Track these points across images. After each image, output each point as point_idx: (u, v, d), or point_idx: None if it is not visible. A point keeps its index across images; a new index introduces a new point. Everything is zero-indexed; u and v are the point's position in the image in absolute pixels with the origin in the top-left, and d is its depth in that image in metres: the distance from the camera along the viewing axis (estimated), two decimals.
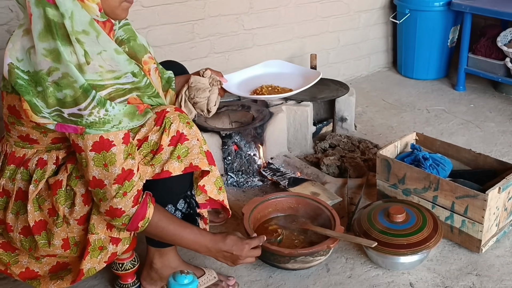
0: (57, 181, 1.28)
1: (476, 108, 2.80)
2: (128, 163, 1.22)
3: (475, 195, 1.58)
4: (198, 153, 1.32)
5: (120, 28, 1.37)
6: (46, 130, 1.24)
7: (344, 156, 2.26)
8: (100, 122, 1.16)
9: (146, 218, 1.27)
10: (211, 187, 1.41)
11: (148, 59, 1.40)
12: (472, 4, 2.82)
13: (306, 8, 2.91)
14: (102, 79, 1.17)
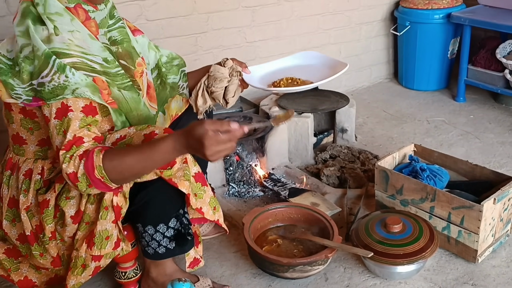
0: (45, 200, 1.34)
1: (475, 119, 2.83)
2: (82, 132, 1.22)
3: (470, 206, 1.61)
4: (181, 176, 1.30)
5: (114, 29, 1.41)
6: (32, 126, 1.32)
7: (344, 166, 2.30)
8: (59, 87, 1.20)
9: (97, 166, 1.17)
10: (206, 208, 1.40)
11: (141, 62, 1.46)
12: (471, 16, 2.86)
13: (308, 21, 2.96)
14: (68, 49, 1.23)
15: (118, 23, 1.43)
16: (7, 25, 2.01)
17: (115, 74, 1.32)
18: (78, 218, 1.33)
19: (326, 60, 1.68)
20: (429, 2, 3.05)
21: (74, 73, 1.22)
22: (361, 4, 3.15)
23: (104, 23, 1.37)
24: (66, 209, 1.32)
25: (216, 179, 2.15)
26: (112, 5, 1.45)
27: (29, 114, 1.32)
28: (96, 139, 1.25)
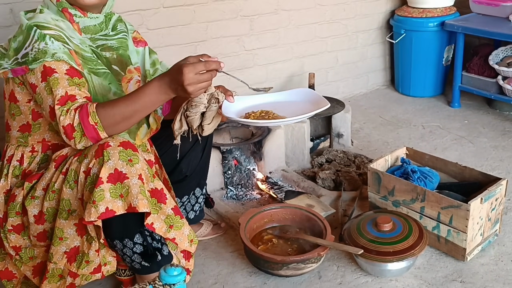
0: (13, 194, 1.42)
1: (470, 124, 2.89)
2: (72, 89, 1.31)
3: (458, 205, 1.67)
4: (138, 193, 1.27)
5: (113, 39, 1.52)
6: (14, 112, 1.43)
7: (339, 170, 2.36)
8: (40, 52, 1.30)
9: (91, 112, 1.27)
10: (160, 225, 1.34)
11: (134, 69, 1.54)
12: (464, 24, 2.94)
13: (305, 29, 3.04)
14: (48, 24, 1.36)
15: (119, 35, 1.54)
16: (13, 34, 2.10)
17: (88, 58, 1.41)
18: (41, 220, 1.40)
19: (311, 97, 1.63)
20: (423, 10, 3.12)
21: (54, 41, 1.33)
22: (357, 13, 3.23)
23: (90, 30, 1.47)
24: (30, 208, 1.39)
25: (215, 182, 2.21)
26: (117, 19, 1.56)
27: (13, 99, 1.42)
28: (87, 98, 1.33)
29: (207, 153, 1.80)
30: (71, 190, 1.34)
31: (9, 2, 2.07)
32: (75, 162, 1.34)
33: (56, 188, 1.36)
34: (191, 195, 1.81)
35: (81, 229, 1.37)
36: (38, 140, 1.45)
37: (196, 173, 1.77)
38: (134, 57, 1.59)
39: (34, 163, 1.46)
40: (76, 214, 1.35)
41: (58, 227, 1.37)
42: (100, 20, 1.50)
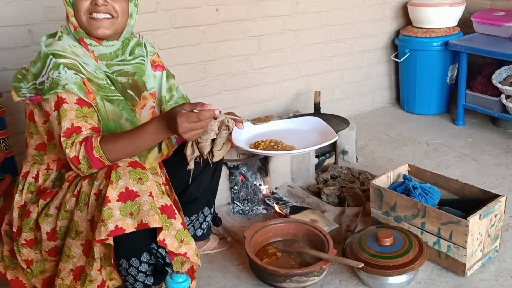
0: (28, 210, 1.48)
1: (474, 142, 2.93)
2: (79, 121, 1.37)
3: (458, 221, 1.71)
4: (149, 209, 1.30)
5: (130, 64, 1.58)
6: (33, 131, 1.50)
7: (344, 186, 2.41)
8: (54, 82, 1.37)
9: (95, 146, 1.33)
10: (171, 241, 1.36)
11: (148, 95, 1.60)
12: (467, 44, 3.00)
13: (311, 49, 3.12)
14: (64, 52, 1.43)
15: (137, 60, 1.60)
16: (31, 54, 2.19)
17: (102, 85, 1.47)
18: (53, 237, 1.45)
19: (320, 127, 1.65)
20: (427, 30, 3.19)
21: (66, 71, 1.39)
22: (362, 33, 3.31)
23: (106, 57, 1.53)
24: (43, 225, 1.45)
25: (222, 197, 2.27)
26: (136, 43, 1.62)
27: (31, 118, 1.49)
28: (93, 130, 1.40)
29: (217, 176, 1.85)
30: (81, 213, 1.38)
31: (28, 23, 2.17)
32: (86, 185, 1.38)
33: (69, 209, 1.41)
34: (199, 214, 1.86)
35: (87, 249, 1.41)
36: (53, 159, 1.52)
37: (206, 194, 1.83)
38: (151, 81, 1.65)
39: (49, 181, 1.52)
40: (83, 235, 1.40)
41: (67, 245, 1.42)
42: (117, 47, 1.55)
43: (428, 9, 3.15)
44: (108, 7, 1.46)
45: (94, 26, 1.47)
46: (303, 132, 1.63)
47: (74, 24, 1.48)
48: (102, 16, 1.47)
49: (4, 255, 1.57)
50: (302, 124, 1.68)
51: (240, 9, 2.75)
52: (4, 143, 1.88)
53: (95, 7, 1.45)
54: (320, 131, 1.62)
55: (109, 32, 1.50)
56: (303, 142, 1.56)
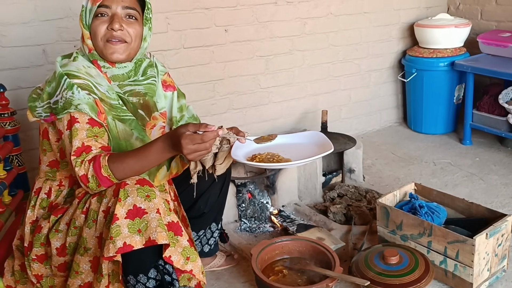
0: (39, 226, 1.51)
1: (481, 161, 2.93)
2: (89, 141, 1.40)
3: (464, 240, 1.71)
4: (157, 226, 1.32)
5: (142, 84, 1.61)
6: (46, 148, 1.53)
7: (350, 204, 2.42)
8: (67, 102, 1.41)
9: (103, 165, 1.36)
10: (177, 258, 1.36)
11: (158, 116, 1.64)
12: (473, 64, 3.03)
13: (318, 69, 3.17)
14: (78, 72, 1.47)
15: (148, 80, 1.63)
16: (45, 73, 2.26)
17: (114, 105, 1.51)
18: (63, 252, 1.47)
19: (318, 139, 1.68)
20: (434, 51, 3.23)
21: (80, 91, 1.43)
22: (369, 53, 3.35)
23: (119, 78, 1.57)
24: (53, 241, 1.47)
25: (229, 214, 2.29)
26: (148, 64, 1.65)
27: (45, 136, 1.53)
28: (103, 149, 1.43)
29: (225, 191, 1.87)
30: (89, 229, 1.40)
31: (42, 43, 2.24)
32: (95, 202, 1.41)
33: (78, 226, 1.44)
34: (207, 230, 1.88)
35: (95, 265, 1.43)
36: (65, 175, 1.55)
37: (213, 209, 1.85)
38: (162, 101, 1.68)
39: (61, 197, 1.55)
40: (92, 252, 1.41)
41: (75, 261, 1.44)
42: (129, 69, 1.59)
43: (434, 30, 3.19)
44: (123, 32, 1.51)
45: (110, 51, 1.51)
46: (302, 145, 1.67)
47: (89, 46, 1.53)
48: (117, 40, 1.51)
49: (15, 269, 1.60)
50: (301, 138, 1.72)
51: (249, 29, 2.81)
52: (17, 159, 1.93)
53: (111, 33, 1.49)
54: (317, 143, 1.65)
55: (123, 57, 1.54)
56: (301, 154, 1.60)
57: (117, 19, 1.49)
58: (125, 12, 1.52)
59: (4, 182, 1.73)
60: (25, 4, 2.17)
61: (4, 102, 1.88)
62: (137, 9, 1.54)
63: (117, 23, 1.49)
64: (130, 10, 1.52)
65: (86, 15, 1.52)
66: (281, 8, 2.90)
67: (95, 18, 1.50)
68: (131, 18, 1.53)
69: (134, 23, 1.53)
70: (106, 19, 1.50)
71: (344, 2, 3.13)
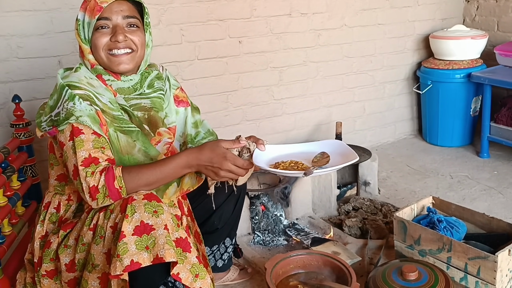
0: (49, 241, 1.47)
1: (499, 175, 2.87)
2: (96, 152, 1.36)
3: (486, 256, 1.66)
4: (165, 243, 1.27)
5: (148, 98, 1.57)
6: (53, 162, 1.51)
7: (366, 218, 2.37)
8: (68, 113, 1.38)
9: (117, 176, 1.33)
10: (186, 275, 1.31)
11: (163, 132, 1.58)
12: (491, 76, 2.98)
13: (333, 80, 3.14)
14: (79, 83, 1.43)
15: (155, 93, 1.59)
16: None
17: (116, 116, 1.46)
18: (72, 269, 1.43)
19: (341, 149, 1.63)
20: (449, 62, 3.19)
21: (81, 102, 1.39)
22: (384, 65, 3.32)
23: (124, 91, 1.53)
24: (62, 257, 1.43)
25: (242, 227, 2.26)
26: (156, 76, 1.62)
27: (51, 150, 1.51)
28: (109, 161, 1.38)
29: (239, 207, 1.83)
30: (97, 246, 1.36)
31: (58, 54, 2.25)
32: (102, 218, 1.37)
33: (86, 242, 1.40)
34: (220, 245, 1.85)
35: (104, 282, 1.39)
36: (74, 189, 1.51)
37: (228, 225, 1.81)
38: (172, 116, 1.63)
39: (70, 212, 1.52)
40: (100, 268, 1.37)
41: (84, 278, 1.40)
42: (135, 81, 1.55)
43: (450, 41, 3.16)
44: (128, 42, 1.48)
45: (115, 63, 1.48)
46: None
47: (92, 62, 1.49)
48: (122, 52, 1.47)
49: (27, 281, 1.58)
50: (323, 147, 1.66)
51: (263, 41, 2.80)
52: (31, 170, 1.92)
53: (115, 44, 1.46)
54: (341, 153, 1.60)
55: (131, 67, 1.51)
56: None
57: (120, 31, 1.46)
58: (126, 22, 1.48)
59: (17, 193, 1.72)
60: (42, 16, 2.19)
61: (19, 113, 1.88)
62: (137, 17, 1.51)
63: (121, 35, 1.45)
64: (130, 19, 1.49)
65: (84, 29, 1.48)
66: (295, 19, 2.89)
67: (96, 31, 1.46)
68: (133, 26, 1.49)
69: (137, 31, 1.50)
70: (107, 31, 1.47)
71: (358, 14, 3.12)
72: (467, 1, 3.55)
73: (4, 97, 2.15)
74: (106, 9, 1.44)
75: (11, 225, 1.67)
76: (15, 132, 1.88)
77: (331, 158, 1.55)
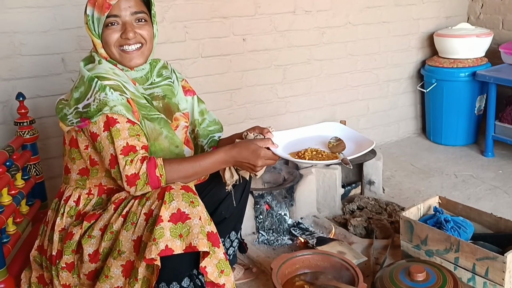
0: (71, 232, 1.46)
1: (504, 174, 2.86)
2: (132, 140, 1.39)
3: (494, 257, 1.64)
4: (199, 232, 1.30)
5: (158, 86, 1.60)
6: (75, 156, 1.50)
7: (371, 217, 2.36)
8: (101, 103, 1.39)
9: (159, 165, 1.38)
10: (212, 269, 1.33)
11: (179, 116, 1.62)
12: (496, 75, 2.96)
13: (336, 78, 3.12)
14: (107, 74, 1.45)
15: (165, 81, 1.63)
16: (63, 82, 2.25)
17: (143, 104, 1.49)
18: (95, 258, 1.43)
19: (351, 134, 1.61)
20: (454, 61, 3.17)
21: (113, 92, 1.41)
22: (388, 63, 3.31)
23: (138, 81, 1.56)
24: (86, 247, 1.43)
25: (247, 226, 2.25)
26: (162, 66, 1.66)
27: (74, 144, 1.50)
28: (144, 148, 1.42)
29: (245, 197, 1.85)
30: (126, 232, 1.36)
31: (61, 52, 2.23)
32: (136, 205, 1.37)
33: (115, 230, 1.40)
34: (226, 239, 1.84)
35: (127, 270, 1.39)
36: (95, 184, 1.51)
37: (234, 216, 1.81)
38: (183, 103, 1.67)
39: (90, 205, 1.51)
40: (125, 256, 1.37)
41: (107, 265, 1.40)
42: (146, 70, 1.59)
43: (455, 39, 3.14)
44: (138, 38, 1.50)
45: (127, 59, 1.51)
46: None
47: (104, 55, 1.51)
48: (133, 48, 1.50)
49: (32, 281, 1.56)
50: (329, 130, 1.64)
51: (267, 39, 2.78)
52: (35, 168, 1.90)
53: (126, 41, 1.48)
54: (350, 138, 1.58)
55: (142, 61, 1.54)
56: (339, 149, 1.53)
57: (129, 28, 1.48)
58: (135, 18, 1.50)
59: (22, 192, 1.71)
60: (45, 13, 2.17)
61: (23, 111, 1.86)
62: (144, 11, 1.53)
63: (131, 32, 1.48)
64: (139, 15, 1.50)
65: (94, 24, 1.49)
66: (299, 17, 2.87)
67: (106, 28, 1.48)
68: (141, 21, 1.51)
69: (145, 25, 1.52)
70: (117, 27, 1.49)
71: (362, 12, 3.10)
72: None
73: (7, 94, 2.13)
74: (115, 6, 1.46)
75: (16, 224, 1.65)
76: (19, 130, 1.86)
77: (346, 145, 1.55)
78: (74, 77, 2.27)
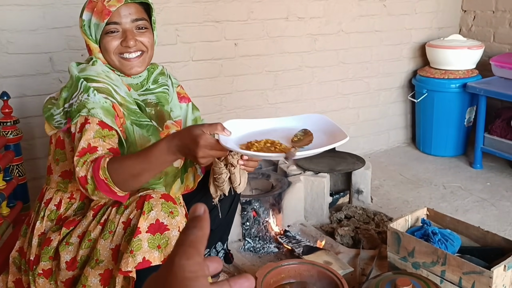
0: (49, 238, 1.42)
1: (492, 186, 2.86)
2: (96, 141, 1.31)
3: (481, 271, 1.63)
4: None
5: (153, 93, 1.56)
6: (59, 157, 1.46)
7: (358, 227, 2.34)
8: (81, 104, 1.35)
9: (102, 167, 1.24)
10: None
11: (171, 124, 1.58)
12: (486, 87, 2.97)
13: (327, 86, 3.12)
14: (97, 76, 1.41)
15: (160, 88, 1.58)
16: (51, 81, 2.22)
17: (133, 110, 1.45)
18: (73, 266, 1.39)
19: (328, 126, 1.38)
20: (445, 72, 3.18)
21: (96, 94, 1.37)
22: (379, 72, 3.30)
23: (133, 87, 1.52)
24: (63, 254, 1.38)
25: (233, 233, 2.21)
26: (160, 72, 1.62)
27: (60, 145, 1.46)
28: (111, 150, 1.32)
29: (233, 209, 1.81)
30: (104, 241, 1.33)
31: (49, 51, 2.20)
32: (114, 213, 1.34)
33: (93, 238, 1.36)
34: (211, 249, 1.81)
35: (105, 279, 1.36)
36: (77, 188, 1.46)
37: (221, 227, 1.78)
38: (177, 110, 1.63)
39: (71, 210, 1.47)
40: (103, 265, 1.34)
41: (85, 274, 1.37)
42: (143, 77, 1.55)
43: (447, 50, 3.15)
44: (139, 45, 1.46)
45: (128, 67, 1.47)
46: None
47: (102, 60, 1.47)
48: (134, 56, 1.46)
49: (9, 286, 1.52)
50: (304, 123, 1.38)
51: (259, 44, 2.77)
52: (17, 169, 1.87)
53: (126, 48, 1.44)
54: (326, 130, 1.34)
55: (142, 69, 1.50)
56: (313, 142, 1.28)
57: (130, 35, 1.44)
58: (135, 25, 1.46)
59: (2, 193, 1.67)
60: (34, 11, 2.13)
61: (7, 110, 1.83)
62: (145, 18, 1.49)
63: (132, 40, 1.44)
64: (139, 22, 1.46)
65: (91, 29, 1.45)
66: (292, 23, 2.86)
67: (105, 35, 1.44)
68: (142, 28, 1.48)
69: (146, 32, 1.49)
70: (117, 35, 1.45)
71: (355, 20, 3.10)
72: (464, 11, 3.54)
73: None
74: (115, 13, 1.42)
75: None
76: (3, 130, 1.82)
77: (314, 137, 1.30)
78: (62, 76, 2.24)
